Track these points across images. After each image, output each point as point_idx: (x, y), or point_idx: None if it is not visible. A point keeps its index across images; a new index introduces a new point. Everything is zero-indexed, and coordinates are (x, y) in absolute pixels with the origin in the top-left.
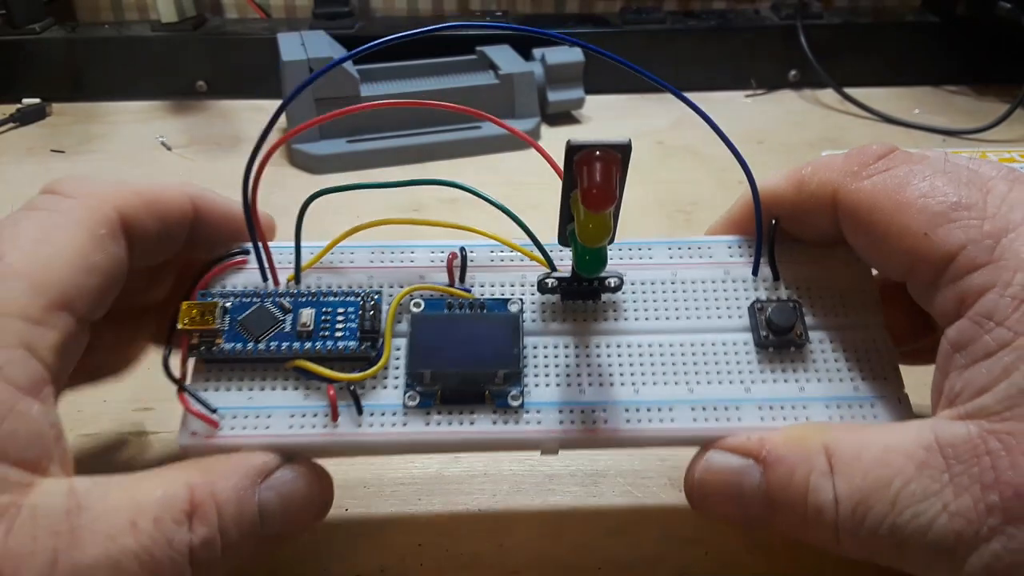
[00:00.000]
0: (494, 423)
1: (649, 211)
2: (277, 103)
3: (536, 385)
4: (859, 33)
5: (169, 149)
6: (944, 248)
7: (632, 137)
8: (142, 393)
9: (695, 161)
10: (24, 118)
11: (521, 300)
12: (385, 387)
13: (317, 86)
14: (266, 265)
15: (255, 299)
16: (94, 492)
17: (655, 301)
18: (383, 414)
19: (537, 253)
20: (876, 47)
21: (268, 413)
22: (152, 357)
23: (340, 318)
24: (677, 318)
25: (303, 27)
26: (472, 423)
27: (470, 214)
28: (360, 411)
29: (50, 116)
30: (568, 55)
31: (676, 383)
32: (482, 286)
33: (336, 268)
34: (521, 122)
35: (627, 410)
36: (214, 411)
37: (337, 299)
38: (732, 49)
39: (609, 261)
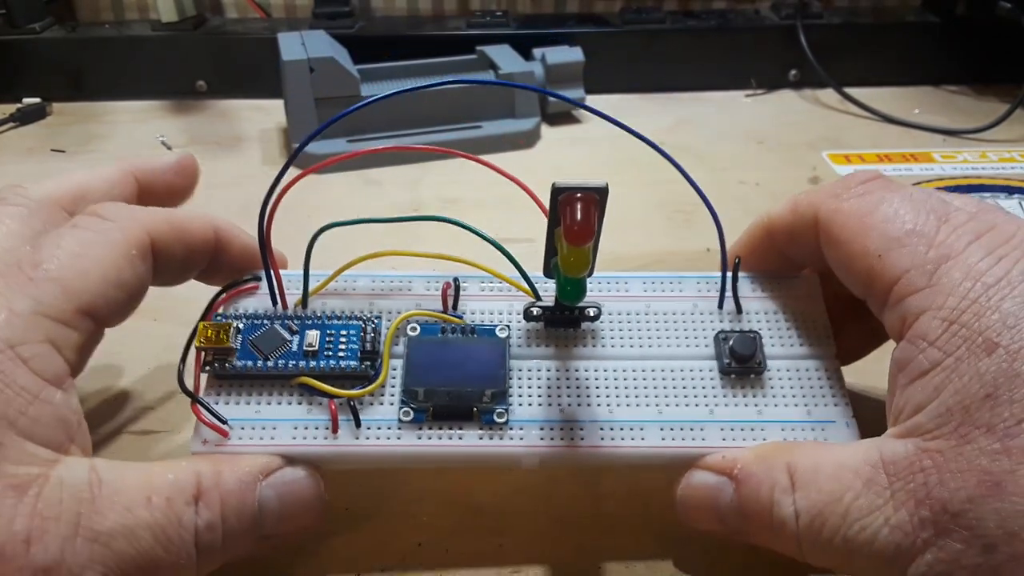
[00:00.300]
0: (480, 438)
1: (649, 212)
2: (277, 103)
3: (520, 404)
4: (859, 33)
5: (169, 148)
6: (892, 271)
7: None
8: (143, 392)
9: (695, 161)
10: (24, 118)
11: (508, 326)
12: (382, 403)
13: (317, 86)
14: (276, 290)
15: (265, 321)
16: (113, 471)
17: (630, 330)
18: (379, 428)
19: (524, 284)
20: (876, 47)
21: (274, 425)
22: (149, 358)
23: (343, 340)
24: (649, 346)
25: (303, 27)
26: (460, 438)
27: (467, 220)
28: (359, 424)
29: (50, 116)
30: (568, 55)
31: (647, 404)
32: (473, 313)
33: (340, 294)
34: (521, 122)
35: (602, 428)
36: (225, 422)
37: (340, 323)
38: (732, 49)
39: (589, 293)
